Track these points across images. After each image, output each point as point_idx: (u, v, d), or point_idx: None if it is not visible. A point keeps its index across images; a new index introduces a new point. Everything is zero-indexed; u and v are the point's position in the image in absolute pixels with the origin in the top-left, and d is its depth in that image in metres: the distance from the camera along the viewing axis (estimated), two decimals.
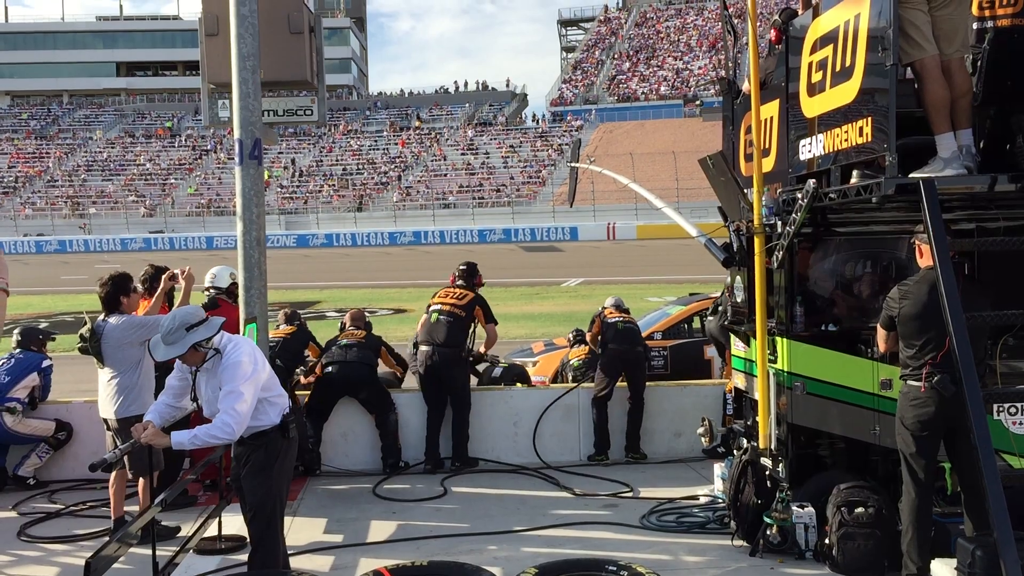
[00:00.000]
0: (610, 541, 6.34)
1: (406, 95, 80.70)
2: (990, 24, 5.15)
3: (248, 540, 5.16)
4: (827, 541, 5.58)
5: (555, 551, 6.02)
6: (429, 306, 8.75)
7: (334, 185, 62.99)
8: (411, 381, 9.01)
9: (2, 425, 7.85)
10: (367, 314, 9.59)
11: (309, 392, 8.50)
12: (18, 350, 8.28)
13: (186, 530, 6.12)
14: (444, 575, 5.01)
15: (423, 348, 8.50)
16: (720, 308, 7.09)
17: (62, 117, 79.29)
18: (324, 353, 8.60)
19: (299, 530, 6.76)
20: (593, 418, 8.54)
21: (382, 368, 8.84)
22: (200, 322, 4.81)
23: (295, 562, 5.98)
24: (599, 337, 8.83)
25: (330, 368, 8.44)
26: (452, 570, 5.06)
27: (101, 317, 6.49)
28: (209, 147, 69.70)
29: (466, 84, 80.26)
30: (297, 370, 8.57)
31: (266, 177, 62.00)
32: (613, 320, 8.80)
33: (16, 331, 8.60)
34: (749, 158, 6.43)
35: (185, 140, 72.57)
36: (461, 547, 6.26)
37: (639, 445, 8.57)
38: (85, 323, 6.57)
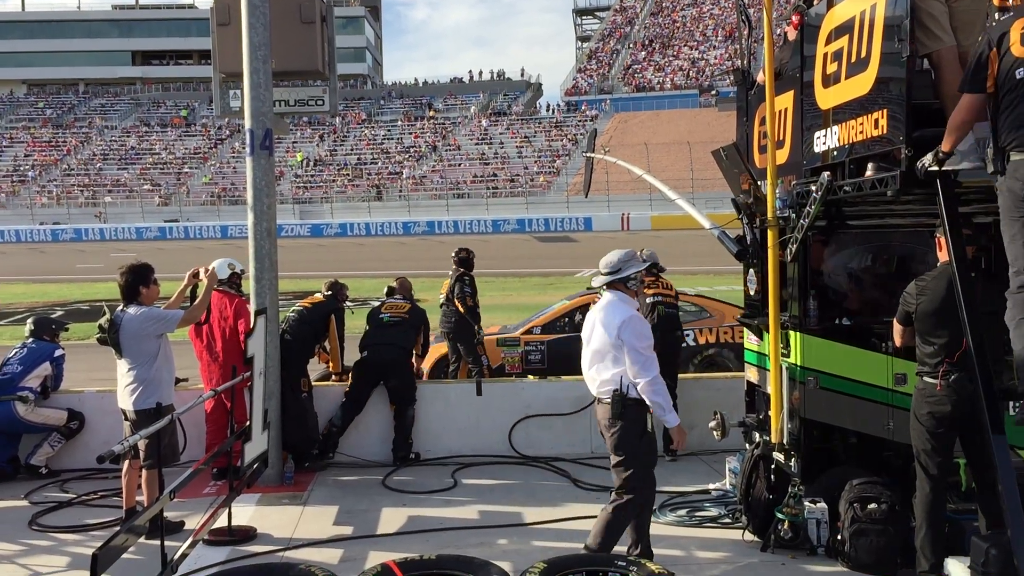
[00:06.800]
0: None
1: (421, 84, 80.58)
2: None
3: None
4: (839, 537, 5.53)
5: (565, 544, 5.98)
6: None
7: (348, 175, 63.05)
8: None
9: (15, 414, 7.89)
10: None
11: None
12: (31, 339, 8.33)
13: (194, 522, 6.12)
14: (452, 569, 4.97)
15: None
16: None
17: (78, 106, 79.66)
18: (366, 330, 8.56)
19: (309, 521, 6.77)
20: None
21: None
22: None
23: (305, 554, 6.00)
24: None
25: (366, 352, 8.44)
26: (460, 564, 5.02)
27: (120, 308, 6.44)
28: (224, 136, 69.87)
29: (481, 74, 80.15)
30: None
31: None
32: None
33: (29, 320, 8.64)
34: (763, 150, 6.35)
35: (200, 129, 72.78)
36: (470, 540, 6.25)
37: None
38: (104, 313, 6.53)
